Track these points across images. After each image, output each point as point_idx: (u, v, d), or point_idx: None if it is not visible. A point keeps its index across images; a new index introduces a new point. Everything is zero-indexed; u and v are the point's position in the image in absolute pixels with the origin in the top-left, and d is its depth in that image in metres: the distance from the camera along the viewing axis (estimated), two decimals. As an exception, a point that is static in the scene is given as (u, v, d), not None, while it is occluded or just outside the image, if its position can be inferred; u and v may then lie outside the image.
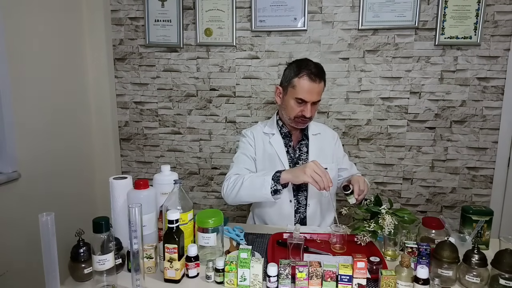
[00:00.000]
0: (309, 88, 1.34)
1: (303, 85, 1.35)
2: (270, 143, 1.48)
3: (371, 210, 1.17)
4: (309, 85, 1.34)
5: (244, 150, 1.50)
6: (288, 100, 1.40)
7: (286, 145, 1.49)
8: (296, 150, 1.49)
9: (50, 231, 0.80)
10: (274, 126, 1.52)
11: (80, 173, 2.09)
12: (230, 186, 1.35)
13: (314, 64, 1.38)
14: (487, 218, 1.14)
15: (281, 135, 1.50)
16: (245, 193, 1.31)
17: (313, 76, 1.34)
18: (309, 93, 1.35)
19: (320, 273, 0.90)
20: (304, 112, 1.37)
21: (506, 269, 0.90)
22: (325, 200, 1.47)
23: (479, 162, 2.00)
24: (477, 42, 1.88)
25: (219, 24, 2.05)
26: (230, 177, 1.38)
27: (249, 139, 1.52)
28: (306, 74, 1.34)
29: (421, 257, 1.01)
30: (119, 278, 0.96)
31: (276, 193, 1.27)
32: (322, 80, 1.38)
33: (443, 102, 1.98)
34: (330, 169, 1.43)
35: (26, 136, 1.68)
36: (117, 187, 1.11)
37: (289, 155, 1.48)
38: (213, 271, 0.96)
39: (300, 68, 1.37)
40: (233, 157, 1.51)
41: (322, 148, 1.50)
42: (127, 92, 2.21)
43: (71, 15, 1.98)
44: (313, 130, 1.53)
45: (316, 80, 1.35)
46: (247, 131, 1.55)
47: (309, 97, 1.35)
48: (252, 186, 1.29)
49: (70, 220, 1.62)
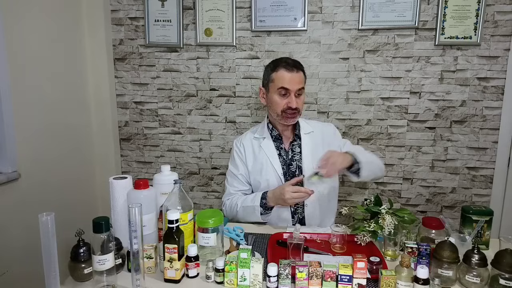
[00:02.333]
0: (288, 77, 1.37)
1: (281, 76, 1.38)
2: (261, 147, 1.48)
3: (371, 210, 1.17)
4: (288, 74, 1.37)
5: (234, 168, 1.52)
6: (272, 96, 1.41)
7: (277, 147, 1.48)
8: (288, 152, 1.48)
9: (50, 231, 0.80)
10: (265, 129, 1.52)
11: (80, 173, 2.09)
12: (228, 211, 1.47)
13: (289, 59, 1.43)
14: (487, 218, 1.14)
15: (271, 138, 1.49)
16: (242, 217, 1.43)
17: (289, 67, 1.37)
18: (290, 81, 1.37)
19: (320, 273, 0.90)
20: (290, 103, 1.37)
21: (506, 269, 0.90)
22: (323, 199, 1.47)
23: (479, 162, 2.00)
24: (477, 42, 1.88)
25: (219, 24, 2.05)
26: (225, 202, 1.50)
27: (239, 153, 1.52)
28: (283, 66, 1.38)
29: (421, 257, 1.01)
30: (119, 278, 0.96)
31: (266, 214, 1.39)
32: (300, 70, 1.40)
33: (443, 102, 1.98)
34: None
35: (26, 136, 1.68)
36: (117, 187, 1.11)
37: (281, 158, 1.47)
38: (213, 271, 0.96)
39: (275, 63, 1.42)
40: (227, 171, 1.55)
41: (316, 147, 1.48)
42: (127, 92, 2.21)
43: (71, 15, 1.98)
44: (305, 129, 1.51)
45: (294, 70, 1.37)
46: (238, 141, 1.56)
47: (290, 85, 1.37)
48: (245, 212, 1.40)
49: (70, 220, 1.61)
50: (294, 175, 1.45)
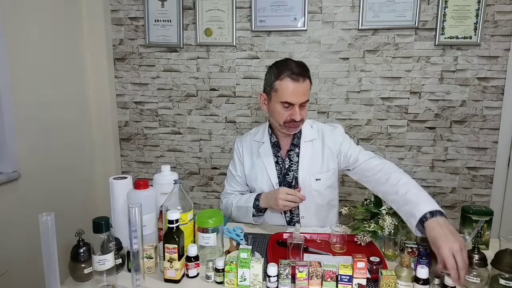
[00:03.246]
0: (293, 90, 1.23)
1: (285, 87, 1.24)
2: (259, 153, 1.41)
3: (371, 211, 1.17)
4: (293, 85, 1.23)
5: (233, 168, 1.50)
6: (274, 106, 1.29)
7: (275, 155, 1.40)
8: (285, 160, 1.39)
9: (50, 231, 0.80)
10: (266, 133, 1.43)
11: (80, 173, 2.09)
12: (224, 210, 1.47)
13: (295, 63, 1.27)
14: (487, 218, 1.14)
15: (270, 144, 1.41)
16: (236, 217, 1.43)
17: (295, 76, 1.23)
18: (294, 94, 1.23)
19: (320, 273, 0.90)
20: (293, 116, 1.26)
21: (506, 269, 0.90)
22: (322, 209, 1.39)
23: (479, 162, 2.00)
24: (477, 42, 1.88)
25: (219, 24, 2.05)
26: (222, 200, 1.51)
27: (239, 154, 1.48)
28: (287, 75, 1.23)
29: (421, 257, 1.01)
30: (119, 278, 0.96)
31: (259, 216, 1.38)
32: (306, 78, 1.26)
33: (443, 102, 1.98)
34: (324, 179, 1.36)
35: (26, 136, 1.68)
36: (117, 187, 1.11)
37: (278, 166, 1.39)
38: (213, 271, 0.96)
39: (280, 69, 1.26)
40: (228, 169, 1.54)
41: (315, 156, 1.37)
42: (127, 92, 2.21)
43: (71, 15, 1.98)
44: (307, 137, 1.39)
45: (300, 80, 1.23)
46: (239, 141, 1.51)
47: (295, 99, 1.24)
48: (239, 212, 1.40)
49: (70, 220, 1.62)
50: (290, 185, 1.37)
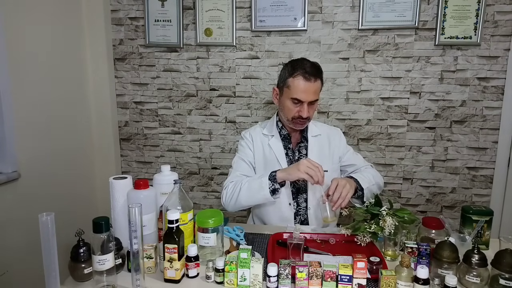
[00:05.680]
0: (304, 88, 1.32)
1: (297, 85, 1.32)
2: (269, 145, 1.46)
3: (371, 212, 1.17)
4: (304, 84, 1.31)
5: (242, 154, 1.48)
6: (285, 101, 1.38)
7: (285, 147, 1.47)
8: (295, 153, 1.47)
9: (50, 231, 0.80)
10: (274, 127, 1.49)
11: (80, 173, 2.09)
12: (229, 194, 1.35)
13: (310, 63, 1.35)
14: (487, 218, 1.14)
15: (280, 137, 1.47)
16: (244, 198, 1.32)
17: (307, 75, 1.31)
18: (304, 92, 1.32)
19: (320, 273, 0.90)
20: (301, 112, 1.34)
21: (506, 269, 0.90)
22: None
23: (479, 162, 2.00)
24: (477, 42, 1.88)
25: (219, 24, 2.05)
26: (227, 185, 1.38)
27: (248, 142, 1.50)
28: (301, 74, 1.32)
29: (421, 257, 1.01)
30: (119, 278, 0.96)
31: (274, 193, 1.28)
32: (318, 78, 1.34)
33: (443, 102, 1.98)
34: (331, 171, 1.41)
35: (26, 136, 1.68)
36: (117, 187, 1.11)
37: (288, 158, 1.46)
38: (213, 271, 0.96)
39: (294, 67, 1.34)
40: (232, 161, 1.50)
41: (322, 150, 1.47)
42: (127, 92, 2.21)
43: (71, 15, 1.98)
44: (313, 132, 1.49)
45: (311, 79, 1.32)
46: (246, 133, 1.54)
47: (304, 97, 1.32)
48: (250, 189, 1.31)
49: (70, 220, 1.62)
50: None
